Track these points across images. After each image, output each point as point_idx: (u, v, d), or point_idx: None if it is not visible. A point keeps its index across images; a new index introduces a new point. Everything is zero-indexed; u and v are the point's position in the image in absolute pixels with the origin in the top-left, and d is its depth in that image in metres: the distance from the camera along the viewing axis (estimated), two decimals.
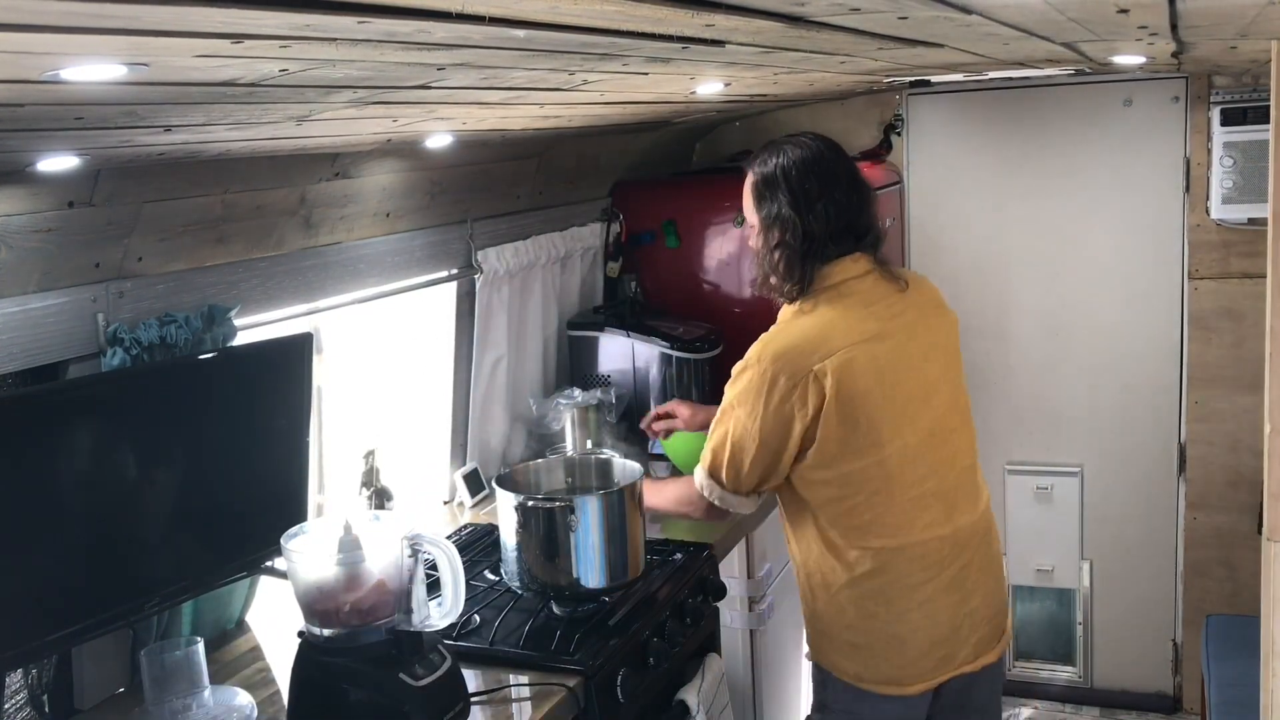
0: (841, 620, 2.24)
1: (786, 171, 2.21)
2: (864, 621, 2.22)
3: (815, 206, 2.19)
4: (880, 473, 2.15)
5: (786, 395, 2.12)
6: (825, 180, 2.21)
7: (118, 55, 0.94)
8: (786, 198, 2.20)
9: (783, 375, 2.12)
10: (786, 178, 2.21)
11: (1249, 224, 3.51)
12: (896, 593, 2.19)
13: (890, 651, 2.22)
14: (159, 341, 2.03)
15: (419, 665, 1.88)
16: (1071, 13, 1.42)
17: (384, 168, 2.57)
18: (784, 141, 2.28)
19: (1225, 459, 3.68)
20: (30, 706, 2.00)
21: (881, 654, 2.22)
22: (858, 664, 2.24)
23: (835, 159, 2.26)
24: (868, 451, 2.13)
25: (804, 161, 2.22)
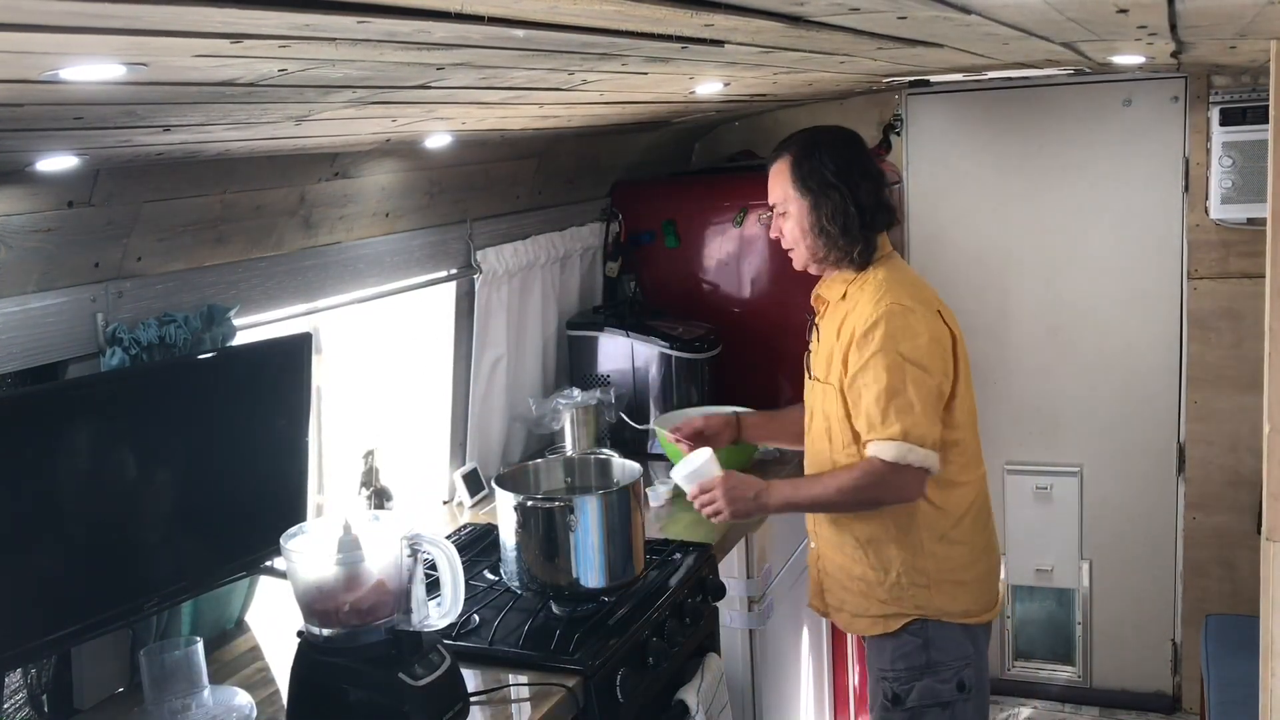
0: (951, 561, 2.35)
1: (829, 148, 2.35)
2: (973, 554, 2.39)
3: (861, 181, 2.33)
4: (972, 403, 2.39)
5: (936, 334, 2.26)
6: (864, 158, 2.39)
7: (117, 55, 0.94)
8: (833, 170, 2.31)
9: (927, 314, 2.26)
10: (832, 153, 2.34)
11: (1248, 224, 3.52)
12: (988, 516, 2.46)
13: (990, 576, 2.43)
14: (158, 341, 2.03)
15: (418, 665, 1.88)
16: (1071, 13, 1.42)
17: (383, 167, 2.57)
18: (808, 129, 2.45)
19: (1224, 459, 3.68)
20: (29, 706, 2.00)
21: (985, 580, 2.41)
22: (967, 599, 2.37)
23: (861, 142, 2.44)
24: (967, 383, 2.36)
25: (841, 141, 2.39)
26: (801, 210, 2.34)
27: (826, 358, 2.36)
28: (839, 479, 2.30)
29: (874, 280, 2.32)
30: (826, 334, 2.38)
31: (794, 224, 2.37)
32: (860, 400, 2.25)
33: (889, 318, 2.23)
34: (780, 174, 2.37)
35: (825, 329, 2.40)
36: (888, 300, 2.26)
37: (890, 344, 2.22)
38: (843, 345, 2.30)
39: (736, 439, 2.72)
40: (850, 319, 2.30)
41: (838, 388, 2.32)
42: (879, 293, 2.28)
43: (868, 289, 2.31)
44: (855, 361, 2.26)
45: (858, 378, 2.25)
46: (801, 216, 2.35)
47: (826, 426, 2.38)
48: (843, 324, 2.32)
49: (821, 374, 2.39)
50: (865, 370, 2.24)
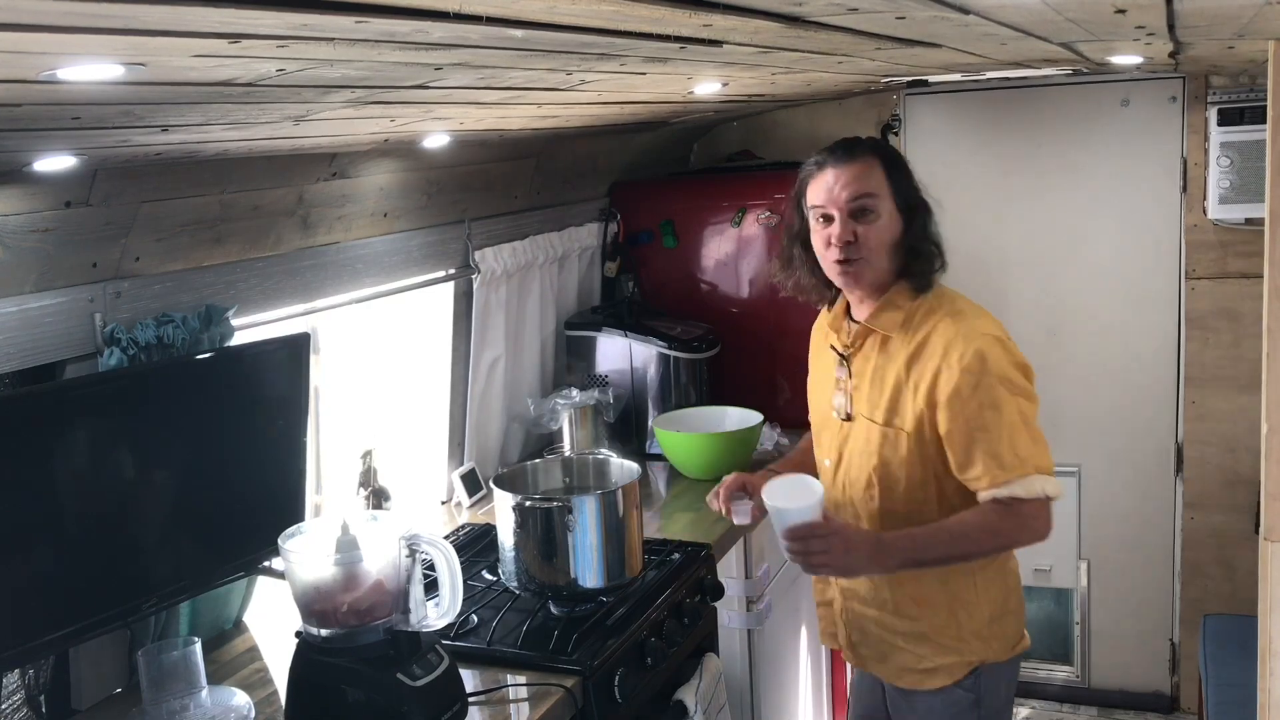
0: (1005, 588, 2.21)
1: (905, 163, 2.20)
2: (1016, 582, 2.27)
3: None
4: None
5: (1020, 360, 2.07)
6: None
7: (115, 55, 0.94)
8: (913, 182, 2.16)
9: (1011, 343, 2.08)
10: (907, 163, 2.19)
11: (1246, 224, 3.52)
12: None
13: (1022, 603, 2.29)
14: (156, 341, 2.03)
15: (417, 665, 1.88)
16: (1069, 13, 1.42)
17: (381, 168, 2.57)
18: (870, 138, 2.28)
19: (1223, 459, 3.69)
20: (27, 707, 2.00)
21: (1020, 607, 2.27)
22: (1012, 629, 2.22)
23: None
24: None
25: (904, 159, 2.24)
26: (894, 219, 2.10)
27: (883, 396, 2.11)
28: (974, 528, 2.03)
29: (944, 307, 2.10)
30: (880, 370, 2.12)
31: (882, 232, 2.09)
32: (977, 442, 2.01)
33: (991, 350, 2.02)
34: (872, 169, 2.10)
35: (875, 364, 2.14)
36: (981, 329, 2.05)
37: (1003, 377, 2.02)
38: (924, 383, 2.05)
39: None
40: (930, 353, 2.05)
41: (911, 430, 2.07)
42: (963, 322, 2.06)
43: (944, 318, 2.08)
44: (963, 400, 2.01)
45: (973, 418, 2.00)
46: (894, 226, 2.10)
47: (875, 472, 2.13)
48: (915, 358, 2.07)
49: (869, 413, 2.14)
50: (982, 410, 2.00)
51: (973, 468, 2.03)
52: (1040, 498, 2.04)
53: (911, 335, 2.09)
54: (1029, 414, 2.04)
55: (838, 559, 1.99)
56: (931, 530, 2.06)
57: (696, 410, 3.38)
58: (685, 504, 3.04)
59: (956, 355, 2.02)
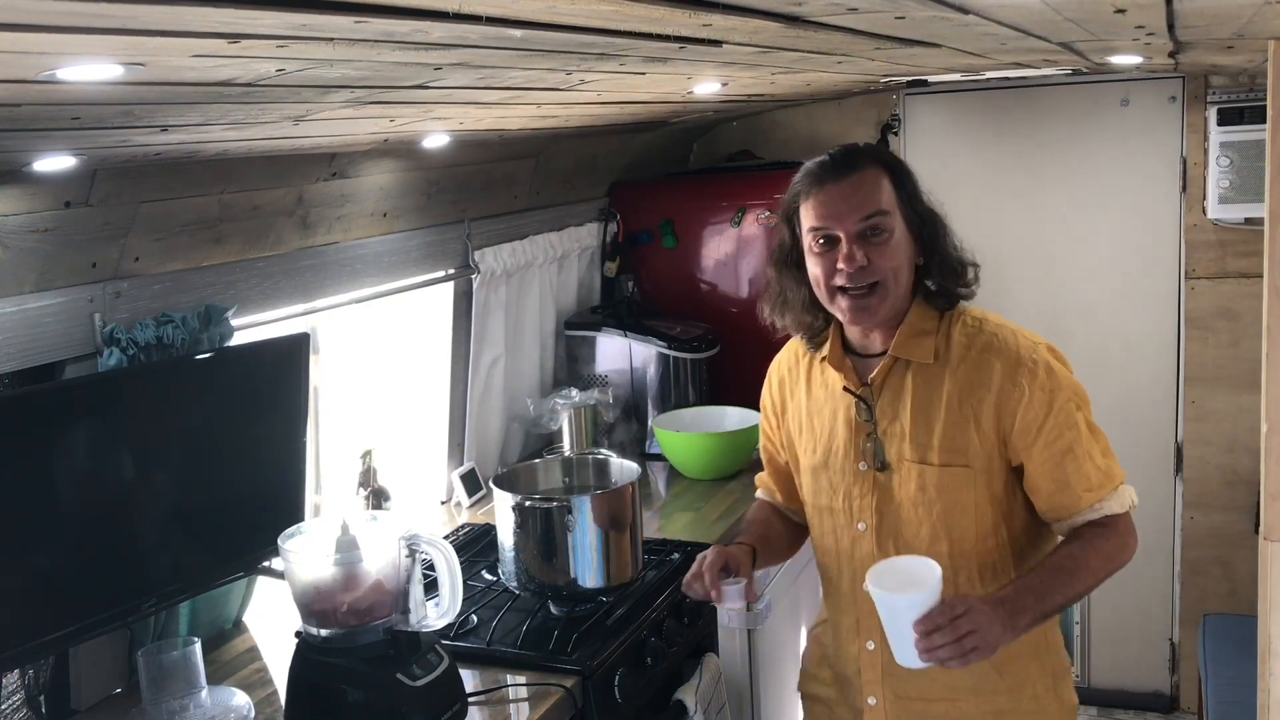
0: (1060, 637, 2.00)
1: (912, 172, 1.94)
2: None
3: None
4: None
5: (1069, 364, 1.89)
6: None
7: (114, 55, 0.94)
8: (921, 191, 1.92)
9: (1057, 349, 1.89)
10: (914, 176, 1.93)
11: (1246, 224, 3.52)
12: None
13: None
14: (156, 342, 2.03)
15: (416, 665, 1.88)
16: (1069, 13, 1.42)
17: (381, 168, 2.57)
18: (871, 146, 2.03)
19: (1222, 459, 3.69)
20: (27, 707, 2.00)
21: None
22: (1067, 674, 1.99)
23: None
24: None
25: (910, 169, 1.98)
26: (906, 238, 1.85)
27: (934, 433, 1.83)
28: (1087, 559, 1.80)
29: (978, 323, 1.89)
30: (924, 404, 1.84)
31: (897, 254, 1.83)
32: (1064, 466, 1.81)
33: (1053, 362, 1.83)
34: (879, 181, 1.84)
35: (916, 398, 1.85)
36: (1033, 340, 1.86)
37: (1072, 389, 1.83)
38: (988, 412, 1.80)
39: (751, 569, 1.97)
40: (987, 377, 1.81)
41: (981, 467, 1.81)
42: (1013, 337, 1.85)
43: (989, 336, 1.85)
44: (1043, 424, 1.79)
45: (1055, 441, 1.80)
46: (907, 245, 1.86)
47: (940, 522, 1.83)
48: (970, 385, 1.82)
49: (919, 456, 1.84)
50: (1063, 431, 1.80)
51: (1063, 494, 1.82)
52: (1130, 509, 1.88)
53: (956, 360, 1.84)
54: (1093, 421, 1.87)
55: (987, 638, 1.63)
56: (1048, 574, 1.78)
57: (696, 410, 3.38)
58: (685, 504, 3.04)
59: (1025, 375, 1.79)
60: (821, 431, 1.96)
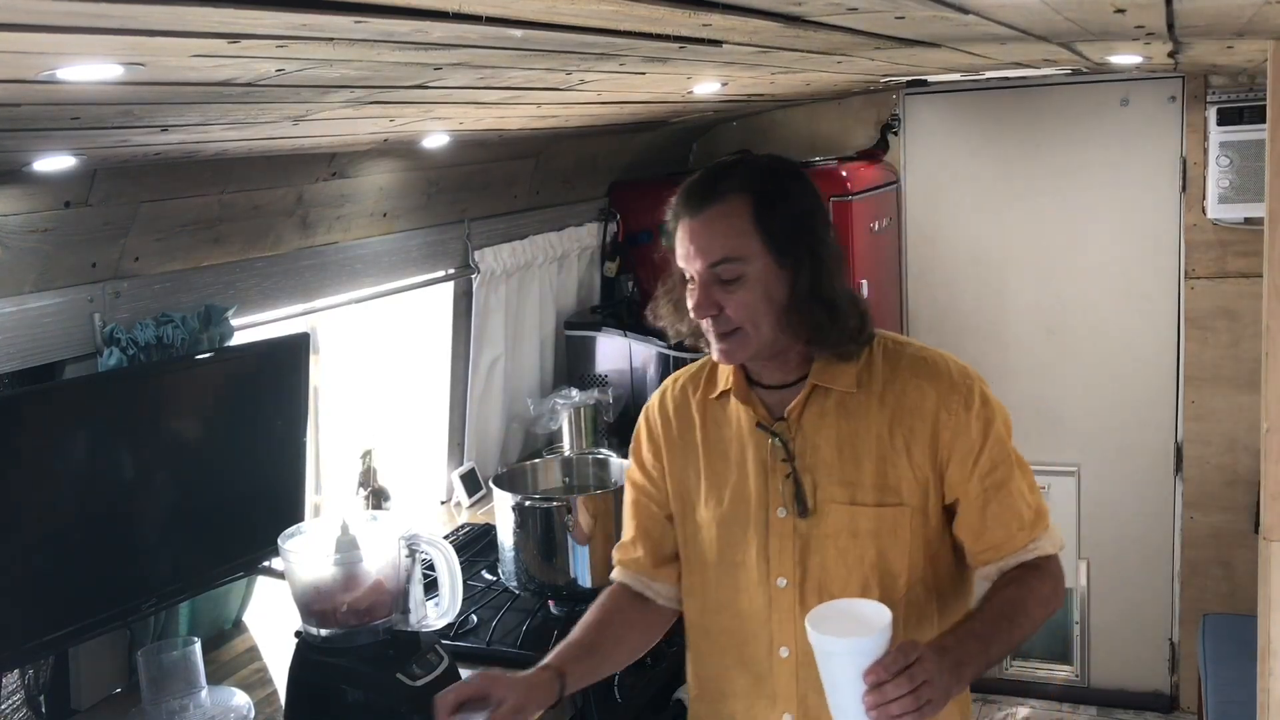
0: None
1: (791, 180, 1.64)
2: None
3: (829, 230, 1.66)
4: None
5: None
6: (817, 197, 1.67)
7: (114, 55, 0.94)
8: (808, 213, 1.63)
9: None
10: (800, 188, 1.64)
11: (1245, 223, 3.52)
12: None
13: None
14: (155, 341, 2.03)
15: (416, 665, 1.88)
16: (1068, 13, 1.42)
17: (381, 167, 2.57)
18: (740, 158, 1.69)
19: (1222, 458, 3.69)
20: (27, 707, 2.00)
21: None
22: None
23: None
24: None
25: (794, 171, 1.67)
26: (774, 278, 1.57)
27: (862, 469, 1.61)
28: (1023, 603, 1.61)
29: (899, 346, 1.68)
30: (850, 437, 1.62)
31: (754, 298, 1.57)
32: (994, 502, 1.63)
33: (986, 389, 1.66)
34: (734, 217, 1.57)
35: (840, 432, 1.63)
36: (962, 367, 1.66)
37: (1004, 419, 1.66)
38: (922, 443, 1.60)
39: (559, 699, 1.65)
40: (918, 404, 1.61)
41: (916, 505, 1.61)
42: (941, 361, 1.66)
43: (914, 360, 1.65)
44: (976, 455, 1.61)
45: (987, 475, 1.62)
46: (774, 287, 1.58)
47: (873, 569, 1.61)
48: (898, 414, 1.61)
49: (847, 496, 1.62)
50: (996, 466, 1.62)
51: (996, 532, 1.64)
52: (1060, 549, 1.72)
53: (881, 386, 1.63)
54: (1021, 457, 1.68)
55: (939, 689, 1.41)
56: (989, 620, 1.58)
57: None
58: None
59: (959, 401, 1.61)
60: (727, 476, 1.69)
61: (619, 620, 1.79)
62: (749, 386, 1.69)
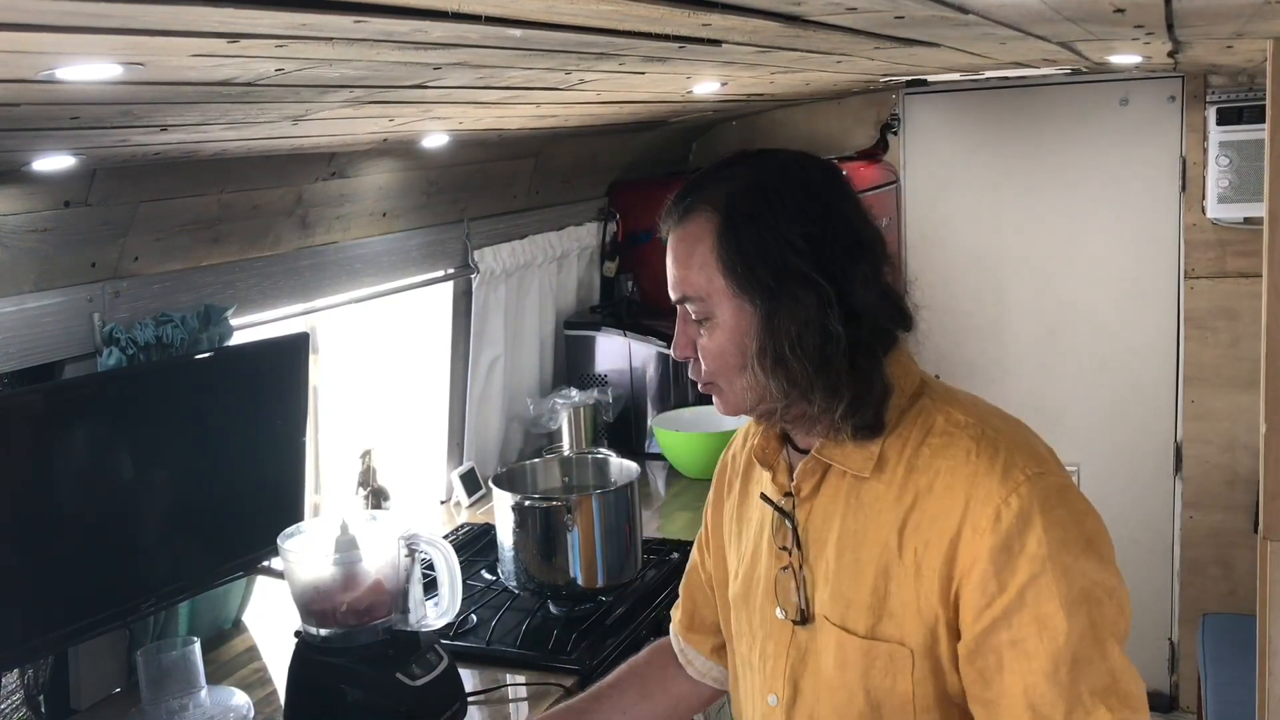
0: None
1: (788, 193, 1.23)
2: None
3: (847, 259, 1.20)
4: None
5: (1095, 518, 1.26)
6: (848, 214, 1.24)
7: (114, 55, 0.94)
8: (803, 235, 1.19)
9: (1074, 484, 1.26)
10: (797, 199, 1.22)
11: (1245, 223, 3.52)
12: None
13: None
14: (155, 341, 2.03)
15: (416, 665, 1.88)
16: (1068, 12, 1.42)
17: (380, 167, 2.57)
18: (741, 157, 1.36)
19: (1221, 458, 3.69)
20: (26, 707, 2.00)
21: None
22: None
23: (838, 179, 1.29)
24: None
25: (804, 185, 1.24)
26: (747, 319, 1.21)
27: (861, 582, 1.21)
28: None
29: (959, 425, 1.21)
30: (853, 534, 1.23)
31: (723, 344, 1.23)
32: (1009, 670, 1.13)
33: (1045, 502, 1.15)
34: (697, 245, 1.22)
35: (843, 525, 1.24)
36: (1020, 463, 1.17)
37: (1063, 556, 1.14)
38: (935, 559, 1.16)
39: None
40: (941, 502, 1.17)
41: (918, 645, 1.18)
42: (985, 447, 1.18)
43: (958, 438, 1.20)
44: (989, 596, 1.13)
45: (1002, 627, 1.13)
46: (743, 326, 1.21)
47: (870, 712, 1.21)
48: (914, 514, 1.19)
49: (839, 615, 1.23)
50: (1023, 616, 1.13)
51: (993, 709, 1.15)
52: None
53: (901, 472, 1.21)
54: (1115, 626, 1.20)
55: None
56: None
57: (695, 410, 3.38)
58: (684, 504, 3.04)
59: (990, 514, 1.14)
60: (746, 550, 1.38)
61: (635, 686, 1.53)
62: (780, 442, 1.33)
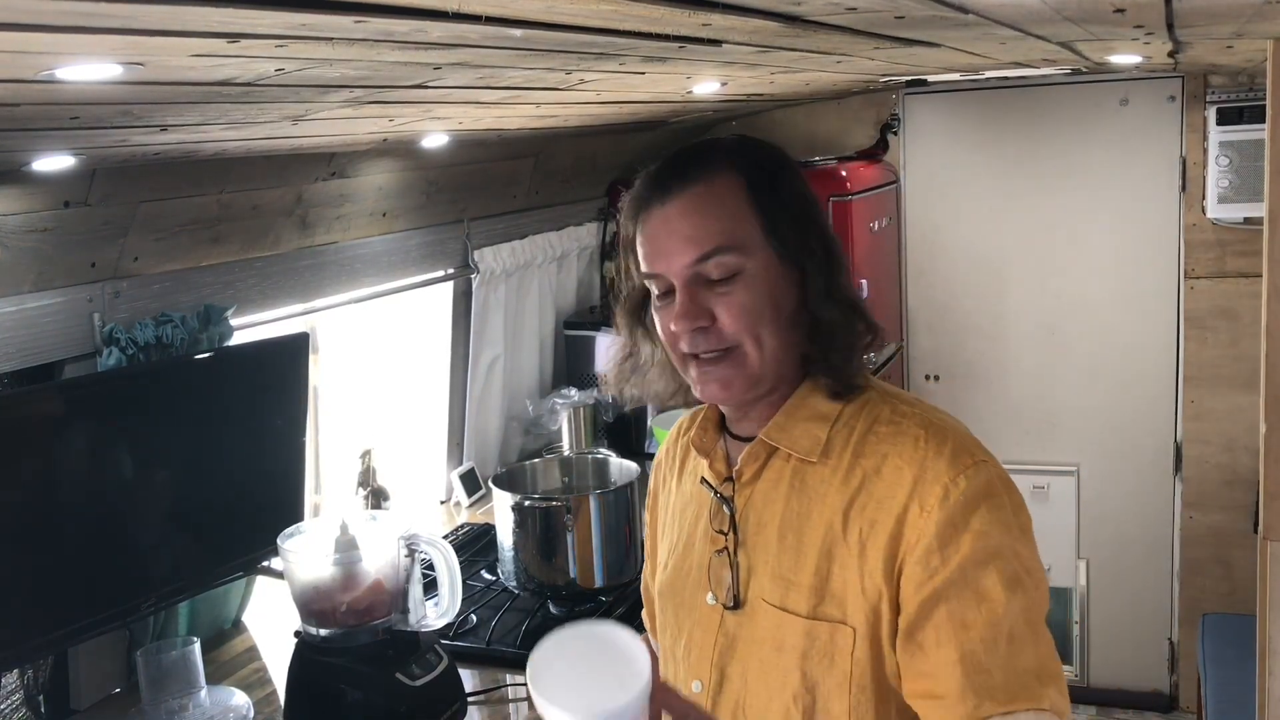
0: None
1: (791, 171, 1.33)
2: None
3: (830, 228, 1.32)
4: None
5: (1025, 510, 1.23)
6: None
7: (114, 55, 0.94)
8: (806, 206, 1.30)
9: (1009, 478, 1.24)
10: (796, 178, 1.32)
11: (1245, 223, 3.52)
12: None
13: None
14: (155, 341, 2.03)
15: (416, 665, 1.88)
16: (1068, 12, 1.42)
17: (380, 167, 2.57)
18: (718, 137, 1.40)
19: (1221, 458, 3.69)
20: (26, 707, 2.00)
21: None
22: None
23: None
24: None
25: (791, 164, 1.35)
26: (777, 275, 1.23)
27: (802, 564, 1.22)
28: None
29: (894, 406, 1.25)
30: (796, 518, 1.24)
31: (757, 302, 1.22)
32: (945, 644, 1.15)
33: (989, 486, 1.18)
34: (726, 195, 1.26)
35: (786, 509, 1.25)
36: (968, 449, 1.21)
37: (1002, 537, 1.17)
38: (880, 540, 1.18)
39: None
40: (887, 487, 1.19)
41: (861, 624, 1.19)
42: (938, 432, 1.21)
43: (904, 424, 1.23)
44: (931, 569, 1.15)
45: (942, 599, 1.15)
46: (777, 286, 1.23)
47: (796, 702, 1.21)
48: (859, 497, 1.21)
49: (778, 596, 1.23)
50: (963, 589, 1.15)
51: (932, 679, 1.15)
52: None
53: (848, 458, 1.23)
54: (1041, 607, 1.24)
55: None
56: None
57: None
58: None
59: (938, 495, 1.17)
60: (678, 541, 1.38)
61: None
62: (718, 431, 1.35)
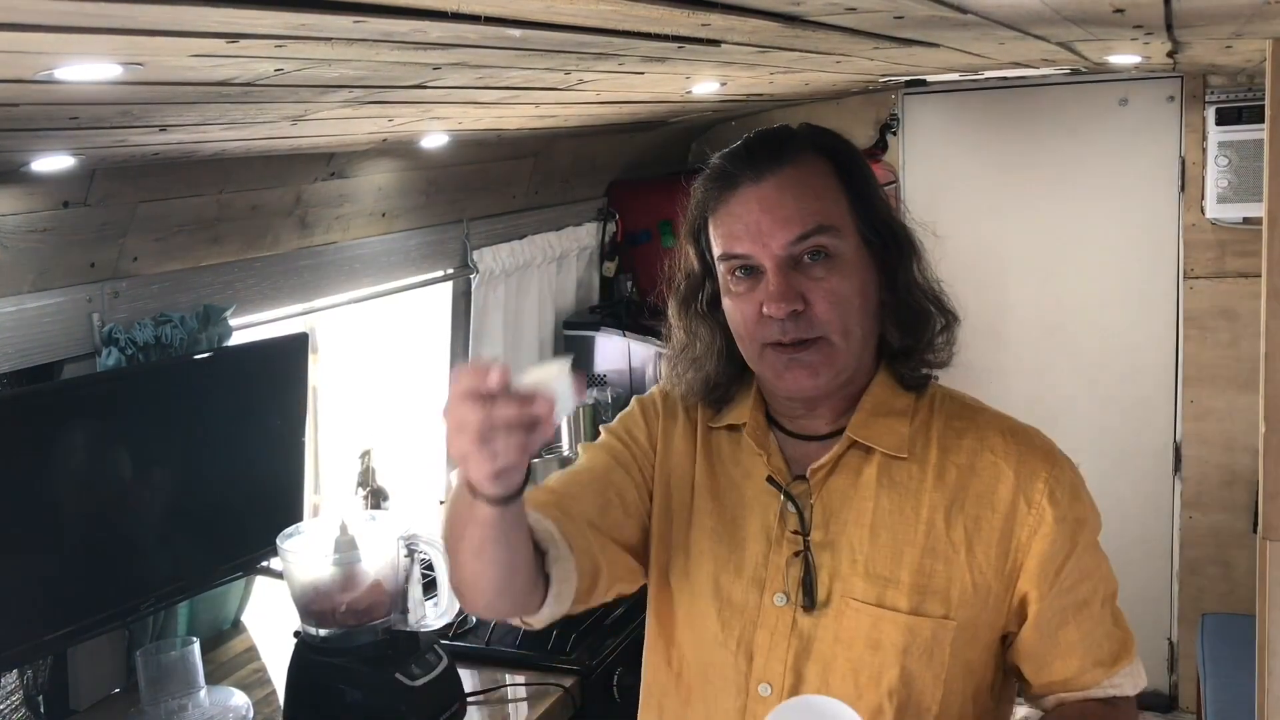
0: None
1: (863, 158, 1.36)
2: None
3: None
4: None
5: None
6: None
7: (113, 55, 0.94)
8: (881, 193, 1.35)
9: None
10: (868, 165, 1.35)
11: (1244, 223, 3.52)
12: None
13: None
14: (154, 341, 2.03)
15: (415, 665, 1.88)
16: (1068, 12, 1.42)
17: (379, 167, 2.57)
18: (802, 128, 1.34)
19: (1221, 458, 3.69)
20: (25, 707, 1.99)
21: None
22: None
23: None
24: None
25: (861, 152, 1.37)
26: (863, 262, 1.26)
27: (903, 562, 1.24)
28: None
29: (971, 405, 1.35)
30: (891, 516, 1.26)
31: (849, 286, 1.23)
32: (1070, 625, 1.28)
33: (1078, 480, 1.31)
34: (821, 179, 1.25)
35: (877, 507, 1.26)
36: (1049, 443, 1.32)
37: (1095, 518, 1.34)
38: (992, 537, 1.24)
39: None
40: (991, 485, 1.26)
41: (967, 620, 1.24)
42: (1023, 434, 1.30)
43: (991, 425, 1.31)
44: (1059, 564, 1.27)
45: (1068, 591, 1.28)
46: (863, 273, 1.26)
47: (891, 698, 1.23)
48: (962, 494, 1.26)
49: (874, 595, 1.24)
50: (1080, 580, 1.30)
51: (1065, 664, 1.28)
52: (1140, 690, 1.35)
53: (941, 458, 1.27)
54: (1111, 571, 1.39)
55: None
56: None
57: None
58: None
59: (1043, 491, 1.25)
60: (723, 539, 1.32)
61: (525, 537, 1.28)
62: (769, 428, 1.33)
